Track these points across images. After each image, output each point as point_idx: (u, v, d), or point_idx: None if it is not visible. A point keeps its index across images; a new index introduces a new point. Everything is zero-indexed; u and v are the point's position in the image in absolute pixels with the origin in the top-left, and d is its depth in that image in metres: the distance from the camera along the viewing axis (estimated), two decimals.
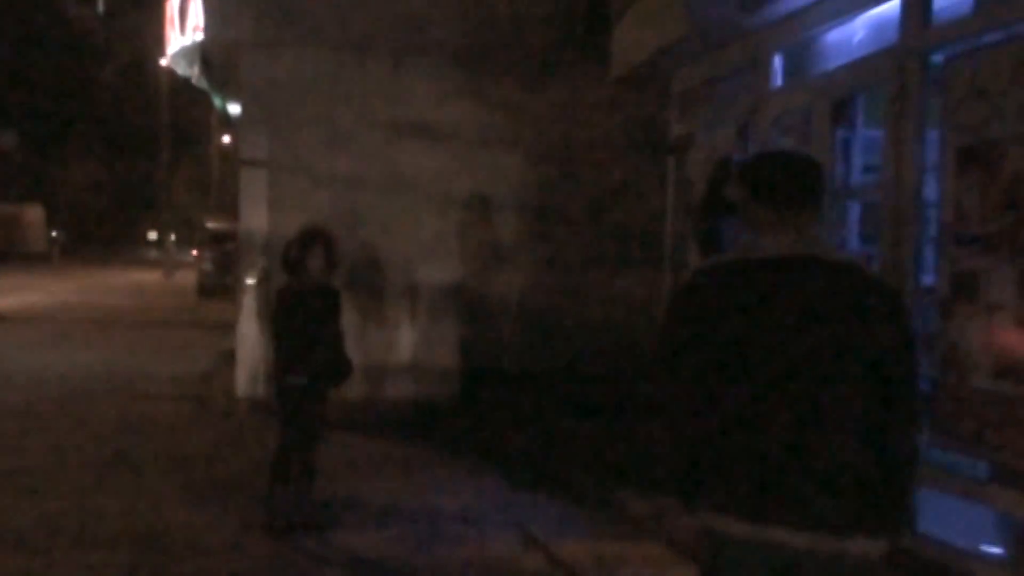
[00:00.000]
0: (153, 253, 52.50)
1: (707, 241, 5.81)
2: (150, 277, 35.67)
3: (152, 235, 59.31)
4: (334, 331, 5.90)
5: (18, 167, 48.85)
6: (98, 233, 57.22)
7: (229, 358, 10.90)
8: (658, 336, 2.81)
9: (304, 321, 5.74)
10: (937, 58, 4.85)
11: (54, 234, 50.70)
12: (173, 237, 40.69)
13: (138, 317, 20.36)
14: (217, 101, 14.28)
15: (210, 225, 28.66)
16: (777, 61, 6.42)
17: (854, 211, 5.84)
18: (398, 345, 9.86)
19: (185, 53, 12.21)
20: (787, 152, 3.28)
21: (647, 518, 5.93)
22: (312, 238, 5.85)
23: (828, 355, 2.54)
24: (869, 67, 5.44)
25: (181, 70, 13.28)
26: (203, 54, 11.56)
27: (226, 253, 22.89)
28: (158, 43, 15.50)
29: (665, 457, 2.76)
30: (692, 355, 2.66)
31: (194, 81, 13.28)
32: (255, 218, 9.80)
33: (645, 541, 5.64)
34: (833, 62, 5.95)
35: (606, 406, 9.41)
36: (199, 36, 11.20)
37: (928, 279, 4.93)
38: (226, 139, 42.03)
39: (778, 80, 6.44)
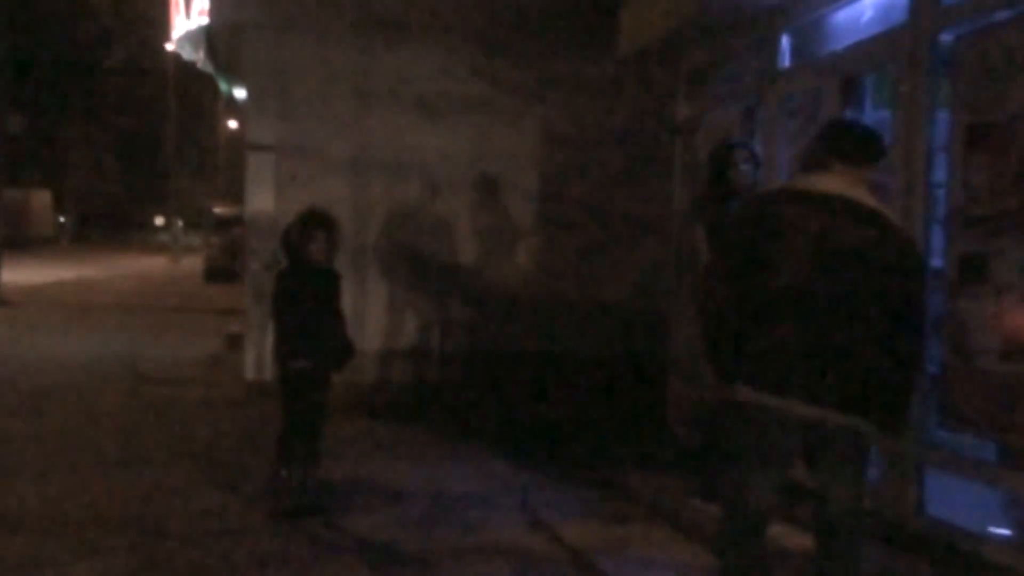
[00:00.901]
0: (160, 238, 52.60)
1: (714, 227, 5.78)
2: (157, 262, 35.75)
3: (159, 220, 59.38)
4: (335, 314, 5.88)
5: (26, 152, 48.88)
6: (105, 218, 57.33)
7: (236, 342, 10.91)
8: (717, 248, 3.67)
9: (305, 305, 5.72)
10: (947, 37, 4.81)
11: (62, 219, 50.82)
12: (180, 222, 40.73)
13: (145, 302, 20.41)
14: (223, 85, 14.26)
15: (217, 210, 28.67)
16: (785, 41, 6.38)
17: None
18: (404, 328, 9.85)
19: (190, 37, 12.21)
20: (859, 124, 4.31)
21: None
22: (313, 221, 5.82)
23: (851, 273, 3.29)
24: (878, 47, 5.40)
25: (187, 54, 13.27)
26: (208, 38, 11.54)
27: (233, 238, 22.91)
28: (164, 27, 15.47)
29: (712, 344, 3.56)
30: (745, 260, 3.40)
31: (199, 65, 13.26)
32: (262, 203, 9.78)
33: (652, 523, 5.64)
34: (841, 42, 5.90)
35: (612, 388, 9.42)
36: (204, 20, 11.18)
37: (936, 261, 4.90)
38: (232, 123, 42.03)
39: (786, 60, 6.40)
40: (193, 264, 30.35)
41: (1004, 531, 4.42)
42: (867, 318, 3.31)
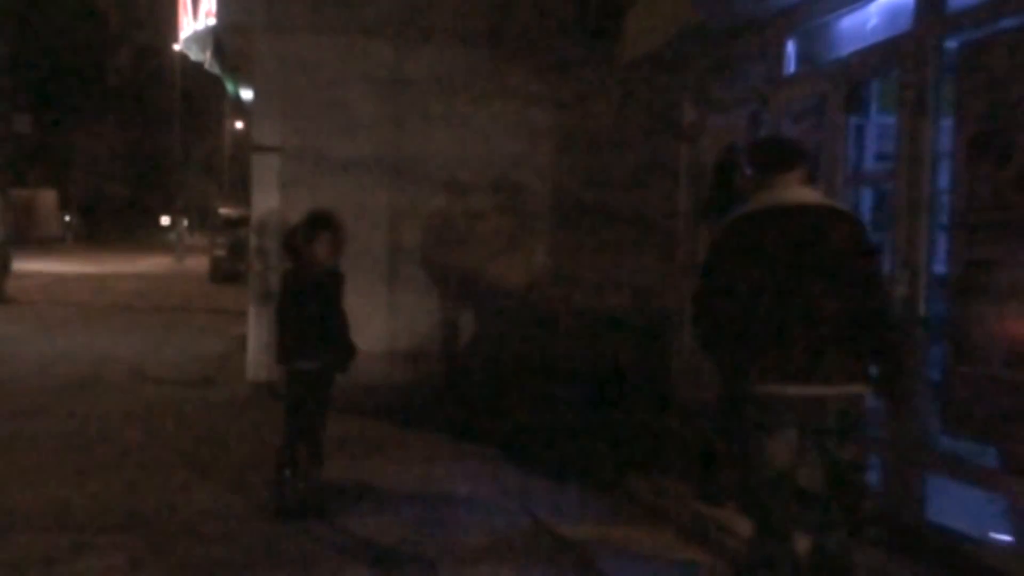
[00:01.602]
0: (166, 238, 52.72)
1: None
2: (162, 262, 35.81)
3: (165, 220, 59.47)
4: (339, 315, 5.89)
5: (32, 152, 49.03)
6: (111, 218, 57.45)
7: (241, 343, 10.93)
8: (705, 267, 4.04)
9: (311, 306, 5.73)
10: (952, 44, 4.83)
11: (67, 219, 50.93)
12: (185, 223, 40.84)
13: (150, 302, 20.45)
14: (229, 86, 14.29)
15: (223, 211, 28.77)
16: (790, 47, 6.40)
17: (867, 198, 5.82)
18: (408, 330, 9.86)
19: (198, 38, 12.21)
20: (771, 136, 5.50)
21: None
22: (319, 223, 5.84)
23: (823, 266, 3.79)
24: (883, 54, 5.42)
25: (194, 55, 13.28)
26: (216, 39, 11.56)
27: (239, 239, 22.96)
28: (171, 28, 15.52)
29: (720, 354, 4.05)
30: (734, 277, 3.86)
31: (206, 66, 13.28)
32: (267, 204, 9.81)
33: (654, 525, 5.65)
34: (847, 48, 5.92)
35: (616, 391, 9.42)
36: (211, 21, 11.20)
37: (940, 267, 4.91)
38: (239, 124, 42.14)
39: (791, 66, 6.41)
40: (197, 264, 30.39)
41: (1005, 537, 4.43)
42: (849, 298, 3.81)
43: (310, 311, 5.75)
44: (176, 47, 15.21)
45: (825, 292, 3.78)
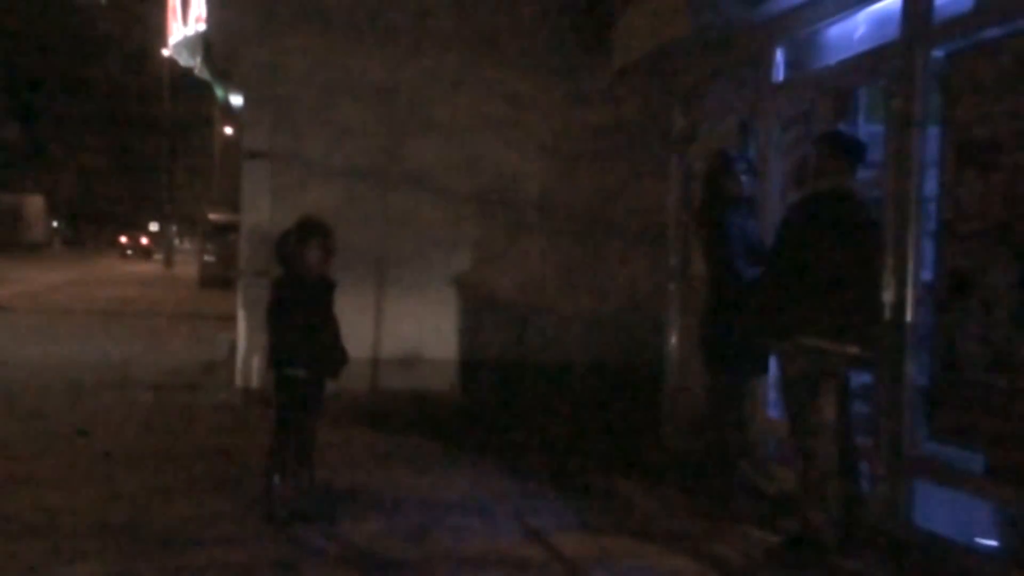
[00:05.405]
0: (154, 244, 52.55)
1: (714, 237, 5.83)
2: (150, 267, 35.70)
3: (153, 226, 59.31)
4: (330, 322, 5.89)
5: (20, 157, 48.87)
6: (99, 223, 57.34)
7: (231, 349, 10.92)
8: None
9: (301, 313, 5.73)
10: (938, 53, 4.87)
11: (55, 224, 50.83)
12: (174, 228, 40.76)
13: (139, 308, 20.39)
14: (219, 92, 14.28)
15: (212, 216, 28.70)
16: (779, 55, 6.44)
17: None
18: (399, 337, 9.87)
19: (187, 43, 12.24)
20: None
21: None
22: (309, 230, 5.83)
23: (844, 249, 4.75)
24: (870, 62, 5.46)
25: (183, 60, 13.30)
26: (205, 45, 11.56)
27: (228, 244, 22.94)
28: (160, 33, 15.52)
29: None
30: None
31: (196, 72, 13.29)
32: (257, 210, 9.80)
33: (646, 533, 5.66)
34: (835, 57, 5.97)
35: (608, 397, 9.45)
36: (201, 27, 11.21)
37: (926, 274, 4.95)
38: (228, 130, 42.05)
39: (780, 74, 6.45)
40: (187, 270, 30.33)
41: (990, 542, 4.47)
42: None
43: (301, 318, 5.74)
44: (165, 52, 15.21)
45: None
